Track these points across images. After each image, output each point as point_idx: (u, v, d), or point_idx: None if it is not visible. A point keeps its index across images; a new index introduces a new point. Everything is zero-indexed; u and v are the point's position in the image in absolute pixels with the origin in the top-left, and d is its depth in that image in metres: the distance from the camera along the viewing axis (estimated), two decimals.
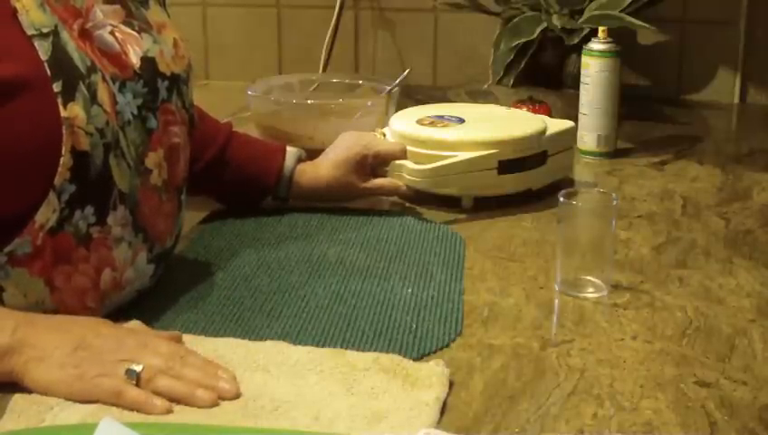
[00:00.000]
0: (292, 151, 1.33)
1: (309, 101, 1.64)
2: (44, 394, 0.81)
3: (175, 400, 0.81)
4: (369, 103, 1.60)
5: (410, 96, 1.85)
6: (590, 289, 1.07)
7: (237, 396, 0.82)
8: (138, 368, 0.81)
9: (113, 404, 0.80)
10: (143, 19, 1.03)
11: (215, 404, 0.81)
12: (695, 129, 1.88)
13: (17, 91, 0.85)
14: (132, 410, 0.80)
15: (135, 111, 0.97)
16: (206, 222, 1.31)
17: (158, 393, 0.81)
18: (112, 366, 0.82)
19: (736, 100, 2.07)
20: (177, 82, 1.05)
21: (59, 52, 0.89)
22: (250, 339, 0.93)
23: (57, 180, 0.88)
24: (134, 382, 0.81)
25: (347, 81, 1.77)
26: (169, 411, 0.80)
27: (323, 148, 1.38)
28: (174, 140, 1.04)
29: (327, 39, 2.21)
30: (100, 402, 0.81)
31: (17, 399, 0.81)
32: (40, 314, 0.89)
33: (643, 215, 1.34)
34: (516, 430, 0.80)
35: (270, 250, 1.19)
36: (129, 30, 1.00)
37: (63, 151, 0.87)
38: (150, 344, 0.85)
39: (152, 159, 1.00)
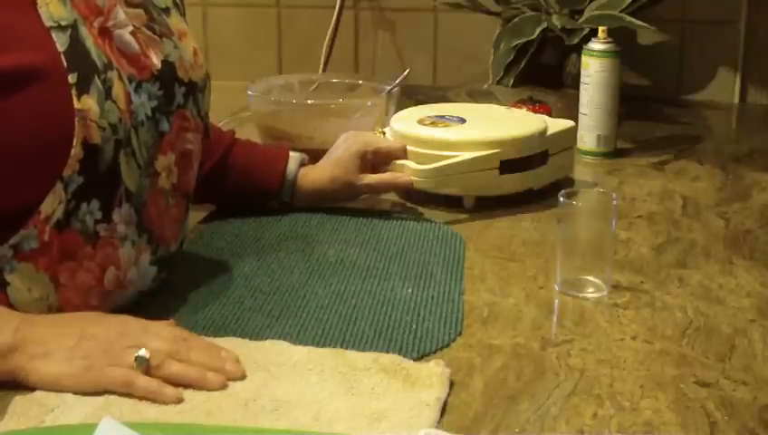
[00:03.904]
0: (294, 156, 1.33)
1: (309, 101, 1.64)
2: (52, 389, 0.82)
3: (185, 384, 0.83)
4: (369, 103, 1.60)
5: (410, 96, 1.85)
6: (590, 289, 1.07)
7: (243, 377, 0.85)
8: (146, 354, 0.82)
9: (124, 393, 0.81)
10: (165, 25, 1.04)
11: (224, 387, 0.83)
12: (695, 129, 1.88)
13: (32, 80, 0.86)
14: (143, 398, 0.81)
15: (149, 113, 0.98)
16: (206, 222, 1.31)
17: (168, 379, 0.82)
18: (120, 354, 0.83)
19: (736, 100, 2.07)
20: (194, 90, 1.06)
21: (76, 45, 0.90)
22: (250, 339, 0.93)
23: (66, 172, 0.88)
24: (143, 369, 0.82)
25: (347, 81, 1.77)
26: (180, 400, 0.81)
27: (323, 148, 1.38)
28: (187, 146, 1.04)
29: (327, 39, 2.20)
30: (110, 392, 0.81)
31: (18, 400, 0.81)
32: (40, 314, 0.90)
33: (643, 215, 1.34)
34: (516, 430, 0.80)
35: (270, 250, 1.20)
36: (149, 33, 1.00)
37: (75, 143, 0.88)
38: (152, 328, 0.87)
39: (161, 163, 1.00)
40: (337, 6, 2.18)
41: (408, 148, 1.34)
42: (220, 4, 2.26)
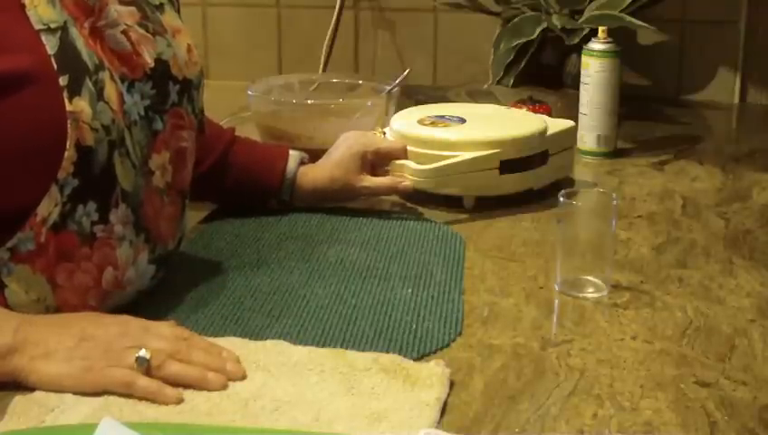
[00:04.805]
0: (294, 154, 1.33)
1: (309, 101, 1.64)
2: (52, 390, 0.82)
3: (186, 385, 0.83)
4: (369, 103, 1.60)
5: (410, 96, 1.85)
6: (590, 289, 1.07)
7: (244, 377, 0.85)
8: (146, 354, 0.82)
9: (124, 394, 0.81)
10: (158, 22, 1.04)
11: (224, 388, 0.83)
12: (695, 129, 1.88)
13: (23, 85, 0.86)
14: (144, 399, 0.81)
15: (142, 112, 0.98)
16: (206, 222, 1.31)
17: (168, 380, 0.82)
18: (120, 355, 0.83)
19: (736, 100, 2.07)
20: (189, 88, 1.06)
21: (66, 47, 0.89)
22: (250, 339, 0.93)
23: (60, 174, 0.88)
24: (144, 370, 0.82)
25: (347, 81, 1.77)
26: (180, 401, 0.81)
27: (323, 148, 1.38)
28: (182, 144, 1.04)
29: (327, 39, 2.20)
30: (110, 392, 0.82)
31: (18, 400, 0.81)
32: (39, 314, 0.89)
33: (643, 215, 1.34)
34: (516, 430, 0.80)
35: (270, 250, 1.19)
36: (142, 31, 1.00)
37: (68, 145, 0.88)
38: (152, 328, 0.87)
39: (156, 161, 1.00)
40: (337, 6, 2.18)
41: (408, 148, 1.34)
42: (220, 3, 2.26)
